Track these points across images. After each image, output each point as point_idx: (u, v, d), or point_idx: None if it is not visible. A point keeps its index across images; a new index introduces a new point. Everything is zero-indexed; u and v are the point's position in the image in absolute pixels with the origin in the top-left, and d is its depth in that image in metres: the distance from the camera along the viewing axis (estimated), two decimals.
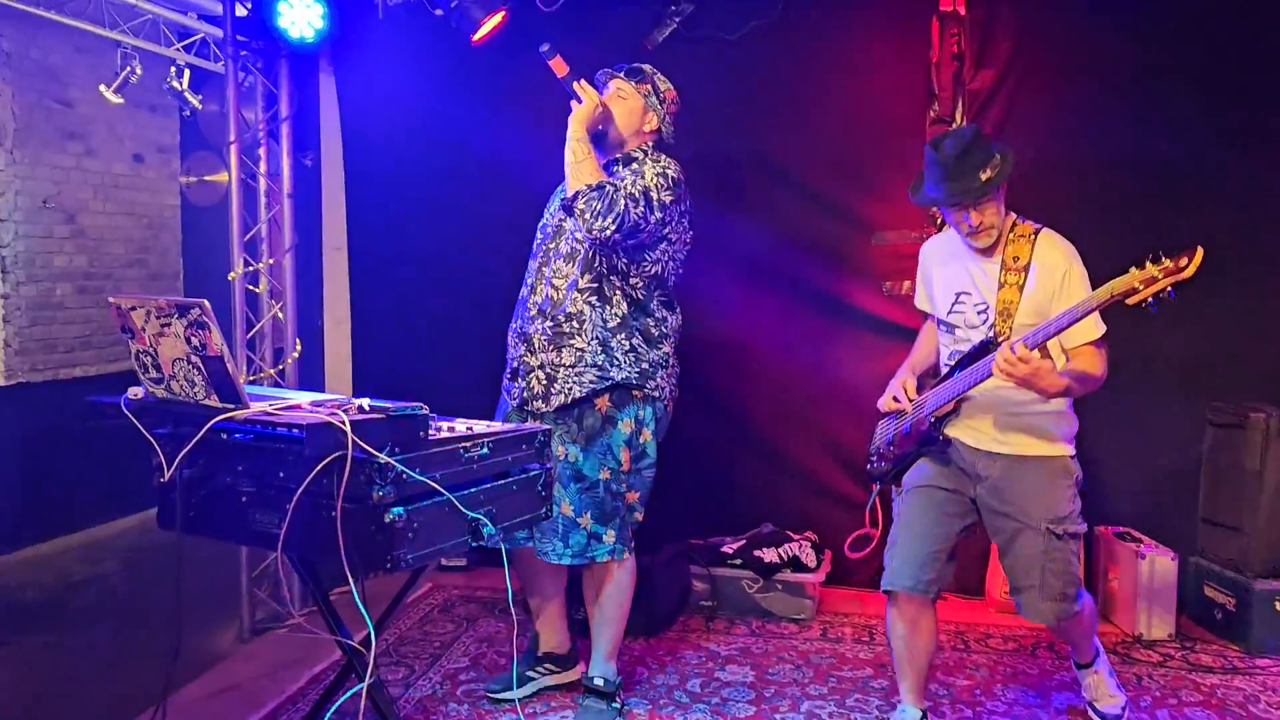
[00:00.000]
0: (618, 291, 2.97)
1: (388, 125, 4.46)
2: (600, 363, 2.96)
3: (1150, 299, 2.33)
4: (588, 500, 3.00)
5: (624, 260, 2.96)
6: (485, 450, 2.31)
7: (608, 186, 2.83)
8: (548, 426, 2.56)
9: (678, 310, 3.17)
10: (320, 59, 4.49)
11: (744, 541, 4.06)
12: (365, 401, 2.18)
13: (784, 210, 4.25)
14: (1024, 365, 2.44)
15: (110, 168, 5.98)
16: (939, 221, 4.15)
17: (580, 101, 2.97)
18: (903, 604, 2.80)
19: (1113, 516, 4.05)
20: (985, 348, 2.67)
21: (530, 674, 3.31)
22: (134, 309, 2.08)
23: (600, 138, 3.01)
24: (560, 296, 2.97)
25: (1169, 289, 2.32)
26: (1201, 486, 3.94)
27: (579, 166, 2.90)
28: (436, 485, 2.13)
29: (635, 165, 3.01)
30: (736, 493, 4.38)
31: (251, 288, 4.35)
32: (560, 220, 3.06)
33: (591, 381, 2.95)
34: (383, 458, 2.02)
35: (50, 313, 5.56)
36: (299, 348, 4.43)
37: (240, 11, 4.17)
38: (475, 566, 4.51)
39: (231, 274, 4.28)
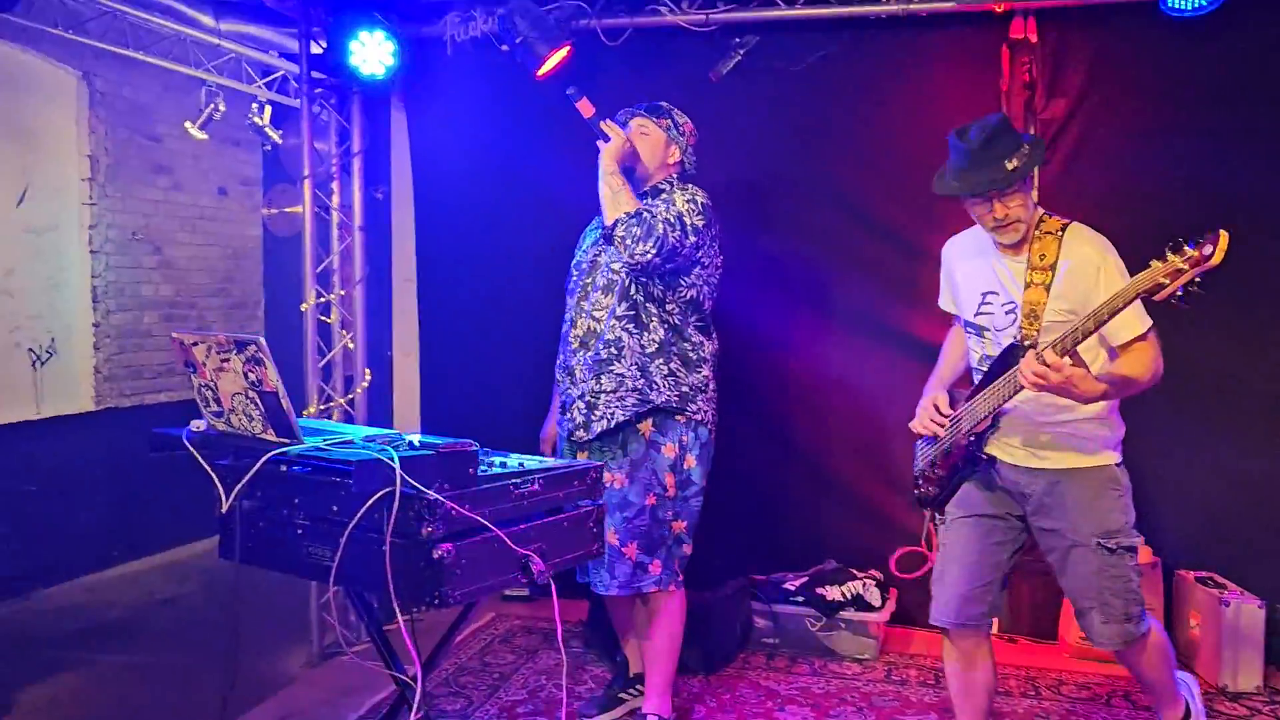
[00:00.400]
0: (654, 318, 3.06)
1: (456, 159, 4.54)
2: (640, 387, 3.03)
3: (1178, 293, 2.17)
4: (634, 529, 3.03)
5: (660, 287, 3.04)
6: (536, 486, 2.31)
7: (645, 213, 2.94)
8: (600, 463, 2.56)
9: (714, 336, 3.21)
10: (392, 95, 4.60)
11: (807, 578, 4.00)
12: (416, 437, 2.20)
13: (849, 240, 4.20)
14: (1055, 374, 2.29)
15: (196, 200, 6.20)
16: None
17: (608, 140, 3.08)
18: (955, 639, 2.73)
19: (1195, 560, 3.88)
20: (1013, 353, 2.52)
21: (622, 695, 3.37)
22: (195, 344, 2.14)
23: (628, 174, 3.11)
24: (600, 326, 3.07)
25: (1196, 280, 2.16)
26: None
27: (615, 198, 3.00)
28: (485, 522, 2.14)
29: (665, 195, 3.12)
30: (801, 528, 4.31)
31: (323, 318, 4.46)
32: (595, 255, 3.17)
33: (633, 405, 3.02)
34: (431, 494, 2.04)
35: (138, 340, 5.78)
36: (369, 377, 4.51)
37: (316, 49, 4.29)
38: (539, 597, 4.50)
39: (304, 305, 4.40)
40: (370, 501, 2.05)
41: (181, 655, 4.15)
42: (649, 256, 2.90)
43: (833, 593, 3.88)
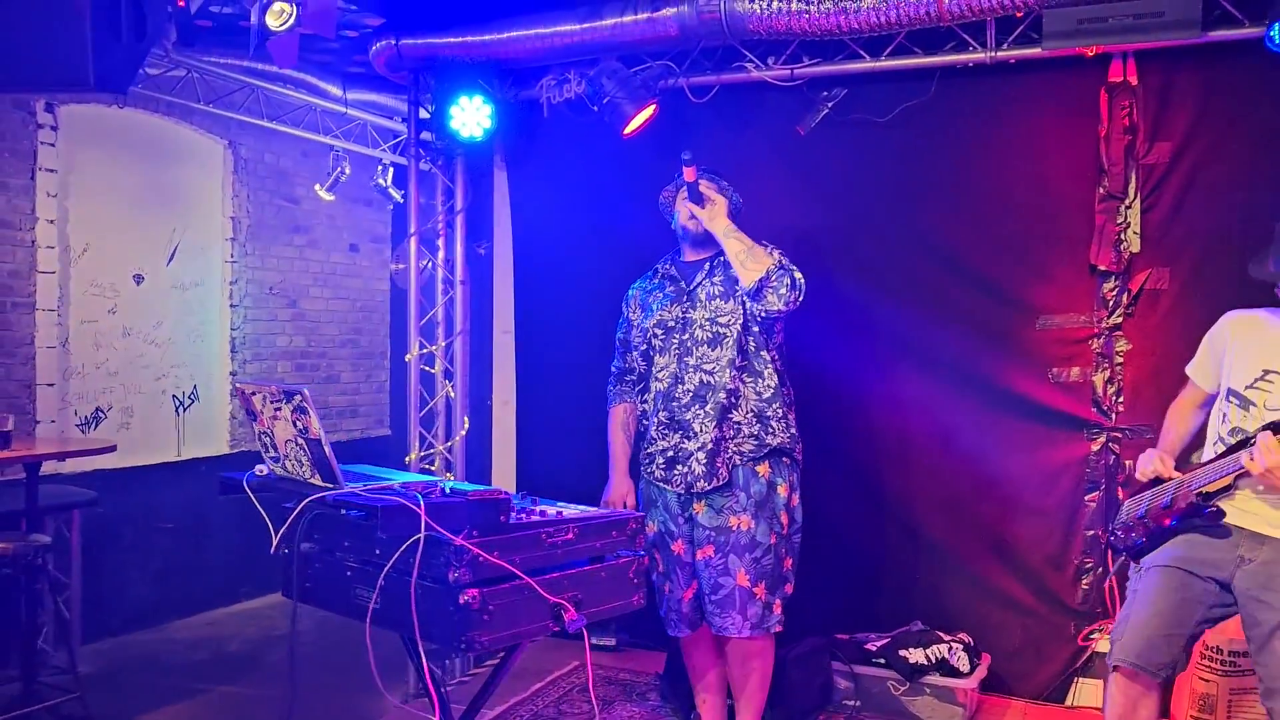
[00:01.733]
0: (767, 365, 3.23)
1: (554, 217, 4.70)
2: (757, 432, 3.20)
3: None
4: (763, 569, 3.14)
5: (764, 336, 3.22)
6: (570, 535, 2.36)
7: (785, 263, 3.15)
8: (640, 514, 2.60)
9: None
10: (494, 156, 4.81)
11: (889, 639, 3.87)
12: (452, 485, 2.29)
13: (941, 292, 4.10)
14: (1272, 454, 2.33)
15: (329, 257, 6.61)
16: (1110, 304, 3.88)
17: (703, 203, 3.23)
18: (1126, 682, 2.62)
19: None
20: (1275, 429, 2.47)
21: None
22: (254, 394, 2.31)
23: (702, 235, 3.26)
24: (714, 379, 3.19)
25: None
26: None
27: (752, 251, 3.15)
28: (513, 568, 2.20)
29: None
30: (888, 586, 4.18)
31: (427, 368, 4.67)
32: (684, 313, 3.30)
33: (751, 450, 3.18)
34: (458, 540, 2.11)
35: None
36: (467, 425, 4.68)
37: (424, 114, 4.55)
38: (625, 648, 4.54)
39: (409, 355, 4.62)
40: (404, 547, 2.14)
41: (288, 690, 4.35)
42: (796, 304, 3.12)
43: (916, 655, 3.74)
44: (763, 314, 3.16)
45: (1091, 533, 3.91)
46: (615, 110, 4.07)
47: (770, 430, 3.20)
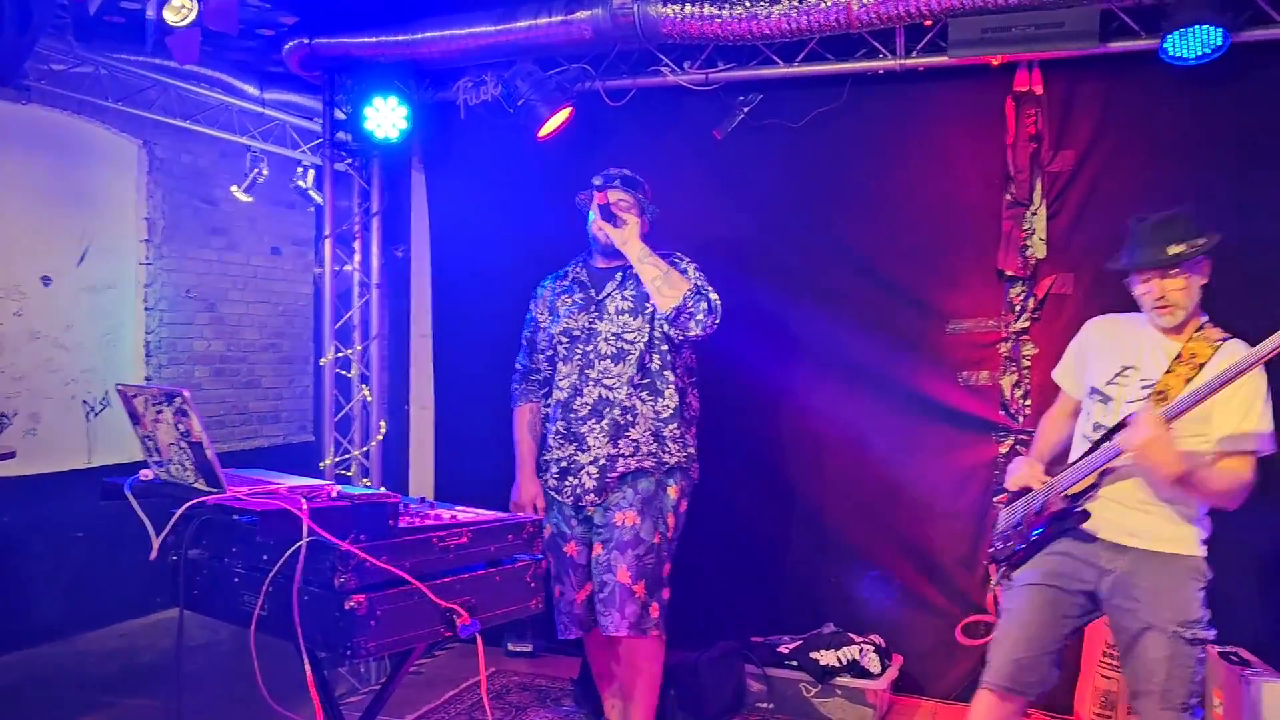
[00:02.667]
0: (669, 385, 3.21)
1: (472, 219, 4.66)
2: (654, 451, 3.19)
3: None
4: (644, 567, 3.12)
5: (671, 354, 3.20)
6: (464, 539, 2.32)
7: (701, 285, 3.12)
8: (539, 517, 2.57)
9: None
10: (412, 157, 4.76)
11: (801, 642, 3.89)
12: (337, 488, 2.25)
13: (854, 297, 4.14)
14: (1148, 428, 2.38)
15: (250, 259, 6.48)
16: (1018, 309, 3.95)
17: (620, 224, 3.17)
18: (998, 702, 2.68)
19: (1222, 635, 3.64)
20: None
21: None
22: (136, 396, 2.24)
23: (614, 247, 3.21)
24: (613, 395, 3.17)
25: None
26: None
27: (668, 277, 3.10)
28: (401, 573, 2.16)
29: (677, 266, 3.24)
30: (800, 589, 4.21)
31: (343, 372, 4.61)
32: (590, 324, 3.26)
33: (649, 465, 3.19)
34: (343, 545, 2.07)
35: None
36: (384, 429, 4.63)
37: (339, 115, 4.50)
38: (542, 654, 4.50)
39: (323, 359, 4.55)
40: (289, 552, 2.09)
41: (205, 698, 4.24)
42: (714, 327, 3.10)
43: (827, 657, 3.77)
44: (679, 338, 3.15)
45: None
46: (530, 112, 4.06)
47: (667, 449, 3.20)
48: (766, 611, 4.18)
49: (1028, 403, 3.95)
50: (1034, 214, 3.89)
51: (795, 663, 3.81)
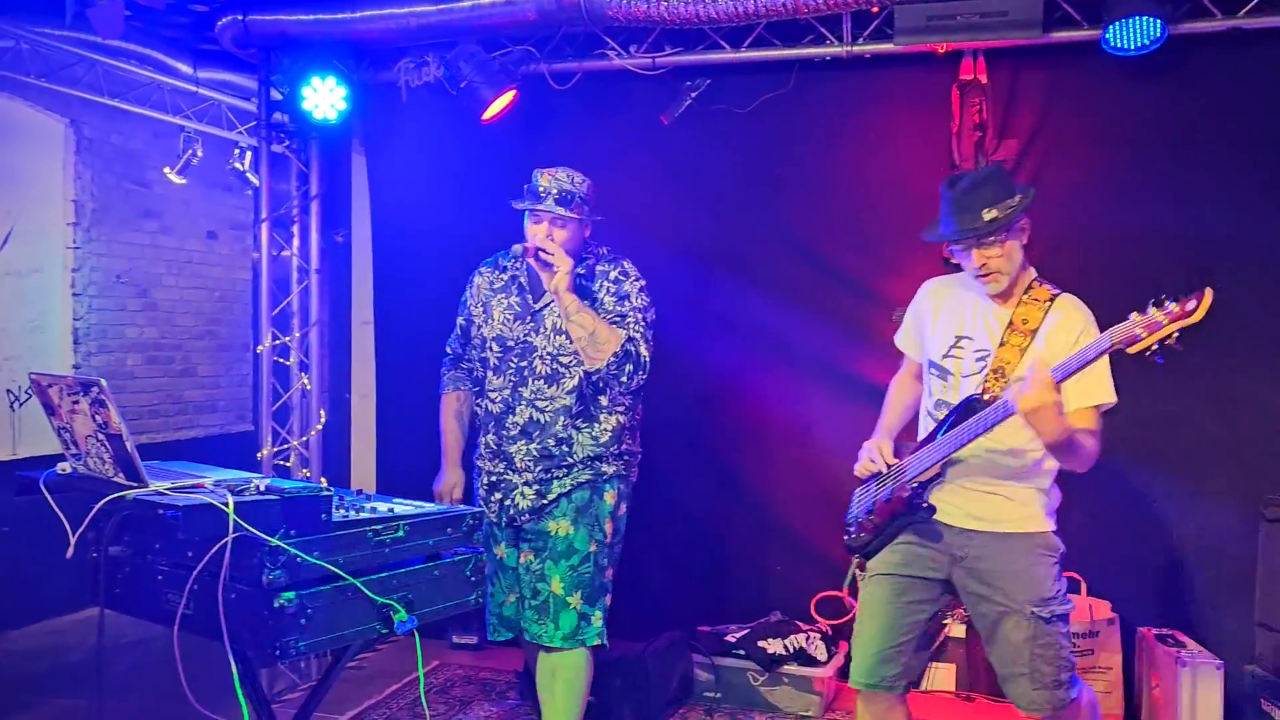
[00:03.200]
0: (604, 410, 3.02)
1: (413, 203, 4.56)
2: (591, 469, 3.01)
3: (1154, 348, 2.11)
4: (579, 577, 2.96)
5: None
6: (400, 533, 2.26)
7: (629, 346, 2.89)
8: (478, 509, 2.51)
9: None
10: (353, 139, 4.64)
11: (748, 630, 3.87)
12: (265, 481, 2.17)
13: (801, 284, 4.13)
14: (1044, 391, 2.19)
15: (184, 244, 6.29)
16: None
17: (553, 269, 2.86)
18: (868, 701, 2.64)
19: (1156, 618, 3.71)
20: (970, 407, 2.46)
21: None
22: (51, 385, 2.14)
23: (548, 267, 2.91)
24: (545, 418, 2.97)
25: (1175, 335, 2.09)
26: (1257, 588, 3.57)
27: (594, 337, 2.87)
28: (335, 569, 2.09)
29: (605, 277, 3.01)
30: (747, 578, 4.20)
31: (281, 360, 4.49)
32: (526, 336, 3.01)
33: (587, 478, 3.00)
34: (272, 541, 1.99)
35: (119, 382, 5.83)
36: (324, 419, 4.52)
37: (276, 95, 4.36)
38: (488, 646, 4.43)
39: (260, 347, 4.43)
40: (215, 549, 2.01)
41: (134, 699, 4.12)
42: (640, 383, 2.95)
43: (774, 646, 3.76)
44: (617, 389, 2.97)
45: None
46: (474, 95, 3.97)
47: (605, 464, 3.01)
48: (713, 601, 4.17)
49: None
50: None
51: (742, 652, 3.80)
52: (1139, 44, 3.41)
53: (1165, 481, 3.74)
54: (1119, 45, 3.44)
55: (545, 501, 2.97)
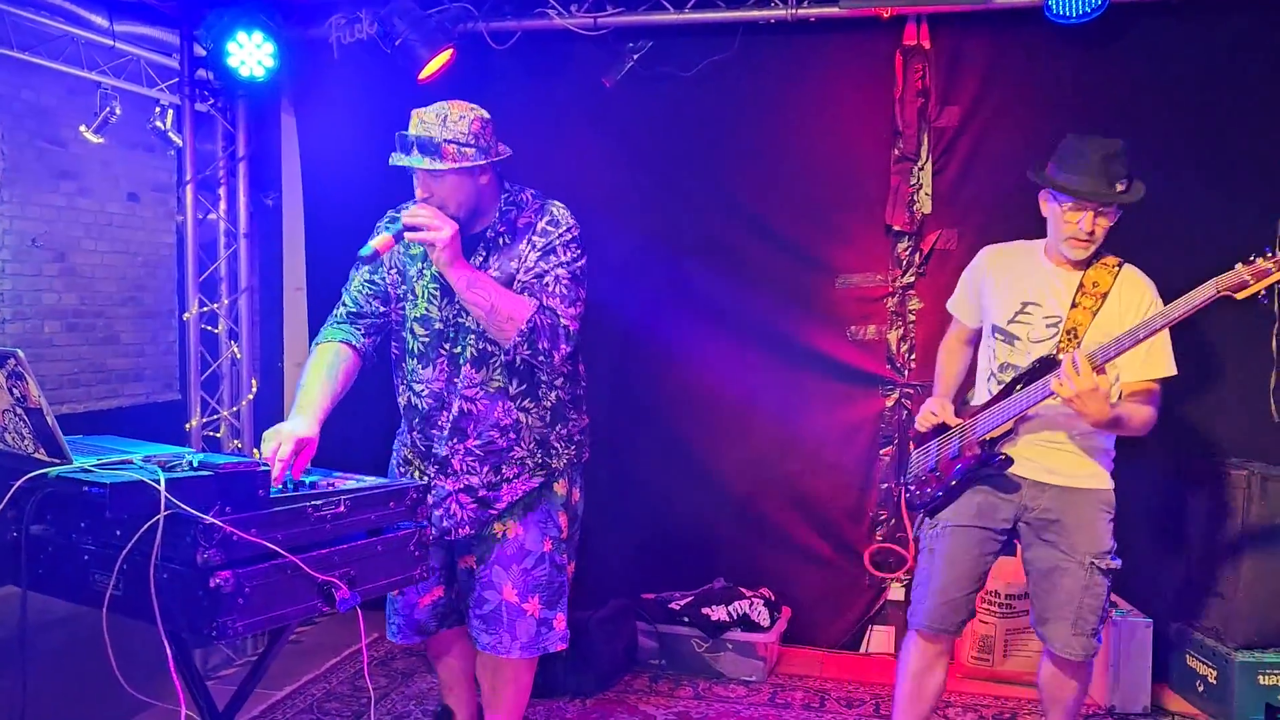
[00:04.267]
0: (544, 385, 2.62)
1: (347, 165, 4.40)
2: (542, 460, 2.65)
3: (1263, 292, 2.31)
4: (534, 581, 2.65)
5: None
6: (341, 508, 2.19)
7: (542, 316, 2.45)
8: (422, 483, 2.43)
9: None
10: (281, 99, 4.47)
11: (692, 597, 3.88)
12: (199, 457, 2.08)
13: (744, 251, 4.10)
14: (1080, 380, 2.35)
15: (104, 206, 6.02)
16: (904, 264, 3.98)
17: (431, 243, 2.40)
18: (928, 644, 2.75)
19: None
20: (1047, 365, 2.55)
21: None
22: None
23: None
24: (480, 408, 2.57)
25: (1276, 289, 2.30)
26: (1182, 547, 3.67)
27: (494, 313, 2.42)
28: (273, 546, 2.02)
29: (531, 234, 2.55)
30: (691, 545, 4.20)
31: (209, 328, 4.34)
32: (454, 316, 2.55)
33: (540, 480, 2.66)
34: (207, 519, 1.91)
35: (37, 350, 5.59)
36: (255, 388, 4.39)
37: (199, 51, 4.18)
38: None
39: (187, 314, 4.27)
40: (145, 527, 1.92)
41: (58, 680, 3.97)
42: (566, 350, 2.50)
43: (718, 612, 3.77)
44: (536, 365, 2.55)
45: (886, 486, 4.04)
46: (410, 53, 3.84)
47: (555, 453, 2.66)
48: (658, 568, 4.16)
49: (913, 357, 4.00)
50: (921, 169, 3.91)
51: (687, 619, 3.80)
52: (1081, 12, 3.42)
53: None
54: (1062, 13, 3.45)
55: (491, 512, 2.61)
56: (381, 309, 2.70)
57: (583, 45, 4.02)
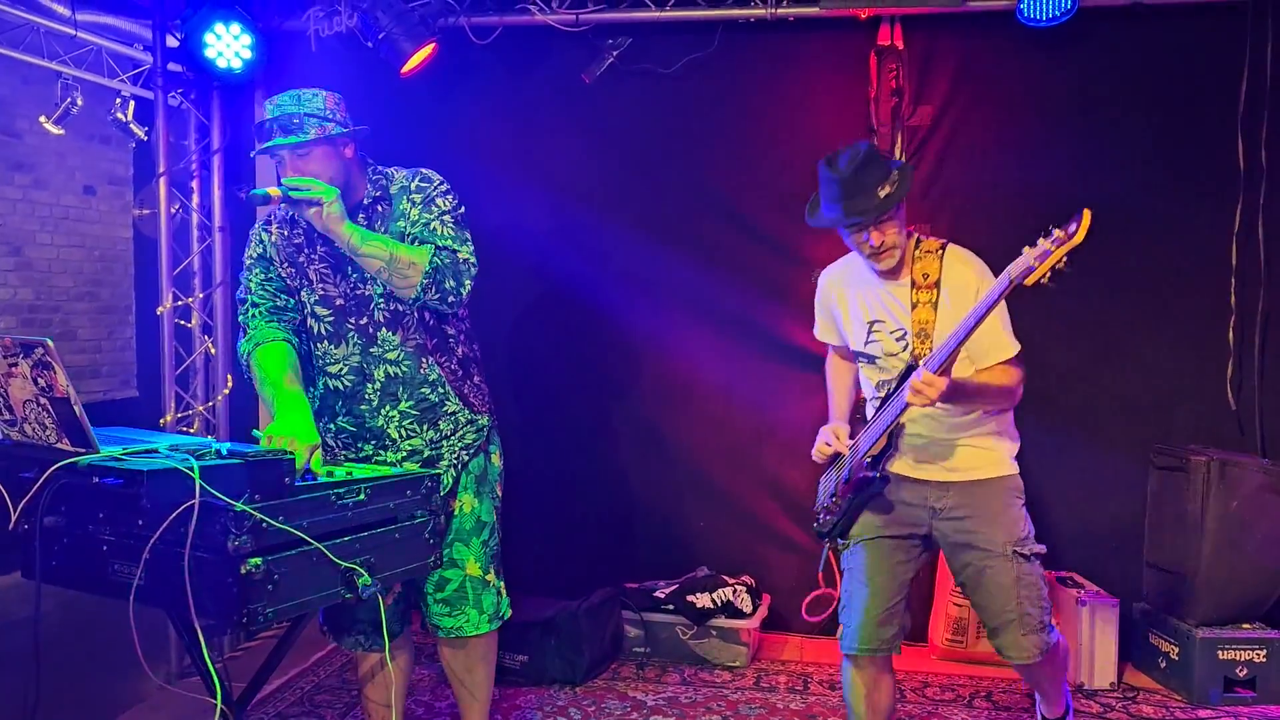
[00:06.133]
0: (451, 337, 2.67)
1: None
2: (471, 417, 2.68)
3: (1048, 275, 2.20)
4: (491, 551, 2.71)
5: None
6: (362, 496, 2.21)
7: (441, 257, 2.46)
8: (437, 472, 2.45)
9: None
10: (256, 91, 4.43)
11: (677, 586, 3.95)
12: (225, 445, 2.09)
13: (722, 244, 4.18)
14: (931, 389, 2.31)
15: (60, 199, 5.91)
16: None
17: (316, 204, 2.38)
18: (864, 665, 2.66)
19: (1055, 561, 3.95)
20: (909, 374, 2.49)
21: None
22: None
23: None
24: (405, 370, 2.59)
25: (1064, 260, 2.19)
26: (1145, 531, 3.84)
27: (394, 263, 2.42)
28: (301, 534, 2.04)
29: (407, 194, 2.59)
30: (675, 534, 4.26)
31: (183, 322, 4.28)
32: (355, 288, 2.56)
33: (474, 439, 2.68)
34: (238, 506, 1.92)
35: None
36: (230, 383, 4.34)
37: (172, 42, 4.13)
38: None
39: (161, 308, 4.21)
40: (174, 515, 1.92)
41: (24, 680, 3.90)
42: (469, 290, 2.52)
43: (703, 600, 3.84)
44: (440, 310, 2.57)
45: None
46: (393, 48, 3.85)
47: (474, 407, 2.68)
48: (643, 558, 4.22)
49: None
50: None
51: (671, 607, 3.87)
52: (1050, 15, 3.56)
53: (1062, 433, 3.96)
54: (1032, 16, 3.58)
55: (436, 471, 2.51)
56: (291, 300, 2.65)
57: (563, 41, 4.06)
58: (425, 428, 2.62)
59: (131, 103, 5.16)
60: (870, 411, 2.76)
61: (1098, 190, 3.81)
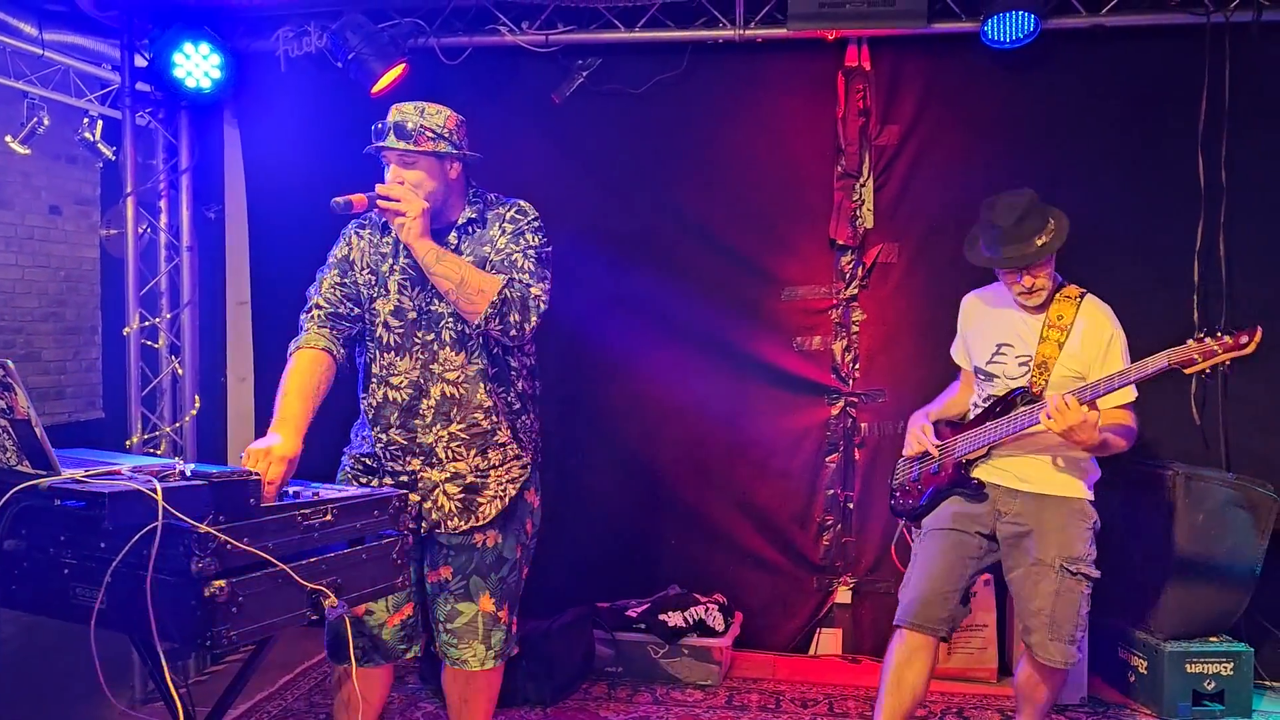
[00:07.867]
0: (513, 370, 2.67)
1: (292, 179, 4.36)
2: (518, 452, 2.68)
3: (1207, 371, 2.63)
4: (508, 588, 2.68)
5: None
6: (329, 516, 2.19)
7: (512, 289, 2.49)
8: (405, 492, 2.44)
9: None
10: (224, 111, 4.42)
11: (649, 604, 3.94)
12: (189, 466, 2.07)
13: (693, 264, 4.20)
14: (1071, 414, 2.58)
15: (24, 219, 5.85)
16: (848, 277, 4.12)
17: (400, 214, 2.47)
18: (908, 639, 2.86)
19: None
20: (1020, 395, 2.86)
21: None
22: None
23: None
24: (462, 392, 2.59)
25: (1228, 364, 2.61)
26: (1113, 546, 3.86)
27: (464, 286, 2.47)
28: (266, 555, 2.01)
29: (501, 222, 2.63)
30: (646, 553, 4.26)
31: (149, 343, 4.24)
32: (428, 303, 2.59)
33: (519, 474, 2.68)
34: (202, 528, 1.90)
35: None
36: (198, 404, 4.30)
37: (140, 62, 4.11)
38: None
39: (127, 329, 4.17)
40: (137, 537, 1.90)
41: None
42: (534, 326, 2.55)
43: (675, 618, 3.84)
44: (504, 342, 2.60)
45: (832, 492, 4.17)
46: (362, 68, 3.85)
47: (523, 445, 2.69)
48: (611, 576, 4.20)
49: (857, 367, 4.14)
50: (863, 185, 4.06)
51: (643, 625, 3.86)
52: (1014, 37, 3.63)
53: None
54: (996, 38, 3.64)
55: (479, 500, 2.60)
56: (354, 310, 2.69)
57: (533, 61, 4.08)
58: (473, 453, 2.62)
59: (99, 122, 5.13)
60: (971, 415, 3.03)
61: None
